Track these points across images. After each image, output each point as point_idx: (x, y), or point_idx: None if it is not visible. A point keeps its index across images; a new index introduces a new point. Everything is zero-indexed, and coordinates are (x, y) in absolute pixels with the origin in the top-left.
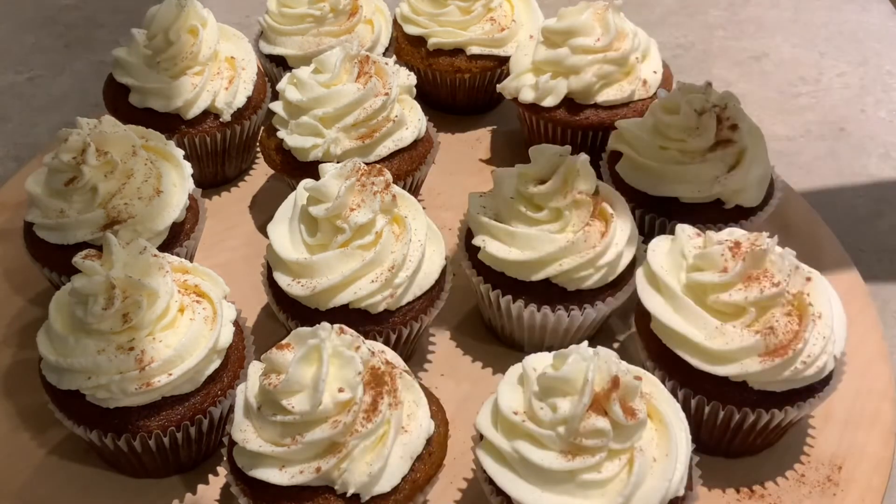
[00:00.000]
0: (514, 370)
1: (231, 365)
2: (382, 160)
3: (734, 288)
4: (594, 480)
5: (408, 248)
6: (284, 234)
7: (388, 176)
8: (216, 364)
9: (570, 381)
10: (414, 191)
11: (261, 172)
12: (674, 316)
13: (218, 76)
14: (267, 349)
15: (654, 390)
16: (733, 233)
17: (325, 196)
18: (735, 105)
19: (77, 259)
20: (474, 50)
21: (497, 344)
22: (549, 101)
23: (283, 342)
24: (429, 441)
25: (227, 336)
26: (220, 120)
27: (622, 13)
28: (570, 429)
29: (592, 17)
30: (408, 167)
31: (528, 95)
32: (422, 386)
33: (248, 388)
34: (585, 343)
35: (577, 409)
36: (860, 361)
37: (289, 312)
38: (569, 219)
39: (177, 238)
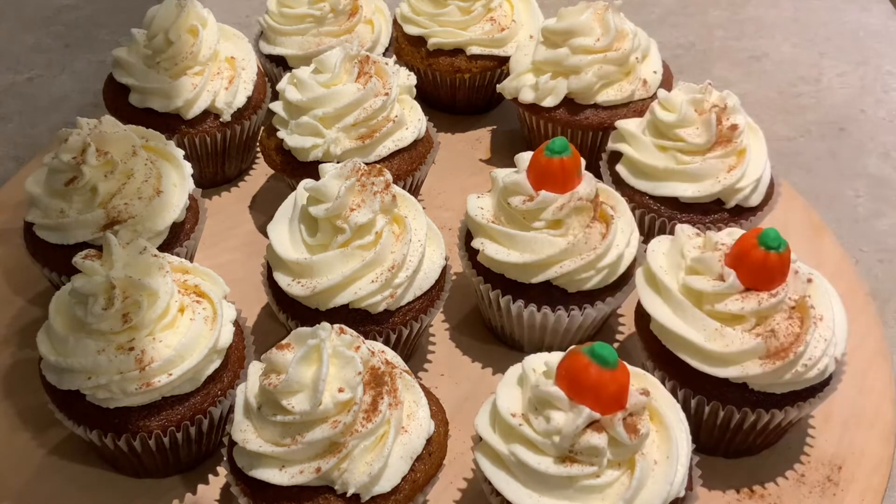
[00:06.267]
0: (514, 370)
1: (231, 365)
2: (382, 160)
3: (730, 298)
4: (593, 485)
5: (408, 248)
6: (284, 234)
7: (388, 176)
8: (216, 364)
9: (560, 398)
10: (414, 191)
11: (261, 172)
12: (672, 317)
13: (218, 76)
14: (267, 349)
15: (654, 391)
16: (733, 233)
17: (325, 196)
18: (735, 105)
19: (77, 259)
20: (474, 50)
21: (497, 344)
22: (549, 102)
23: (283, 342)
24: (429, 441)
25: (227, 336)
26: (220, 120)
27: (622, 13)
28: (564, 444)
29: (592, 18)
30: (408, 167)
31: (528, 96)
32: (422, 386)
33: (248, 388)
34: None
35: (569, 428)
36: (860, 361)
37: (289, 312)
38: (569, 224)
39: (177, 238)
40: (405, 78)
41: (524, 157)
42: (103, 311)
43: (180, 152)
